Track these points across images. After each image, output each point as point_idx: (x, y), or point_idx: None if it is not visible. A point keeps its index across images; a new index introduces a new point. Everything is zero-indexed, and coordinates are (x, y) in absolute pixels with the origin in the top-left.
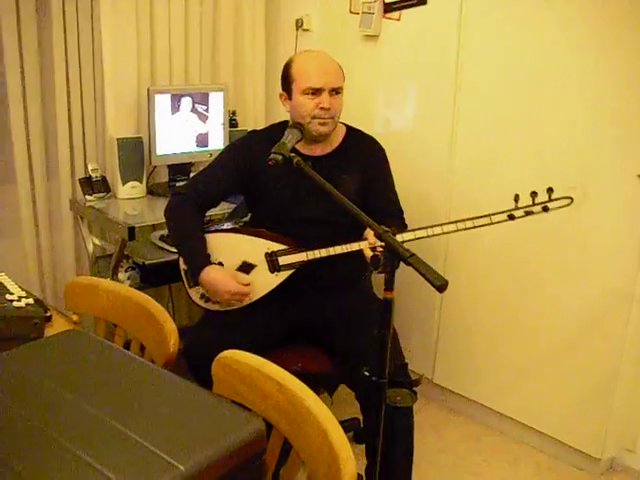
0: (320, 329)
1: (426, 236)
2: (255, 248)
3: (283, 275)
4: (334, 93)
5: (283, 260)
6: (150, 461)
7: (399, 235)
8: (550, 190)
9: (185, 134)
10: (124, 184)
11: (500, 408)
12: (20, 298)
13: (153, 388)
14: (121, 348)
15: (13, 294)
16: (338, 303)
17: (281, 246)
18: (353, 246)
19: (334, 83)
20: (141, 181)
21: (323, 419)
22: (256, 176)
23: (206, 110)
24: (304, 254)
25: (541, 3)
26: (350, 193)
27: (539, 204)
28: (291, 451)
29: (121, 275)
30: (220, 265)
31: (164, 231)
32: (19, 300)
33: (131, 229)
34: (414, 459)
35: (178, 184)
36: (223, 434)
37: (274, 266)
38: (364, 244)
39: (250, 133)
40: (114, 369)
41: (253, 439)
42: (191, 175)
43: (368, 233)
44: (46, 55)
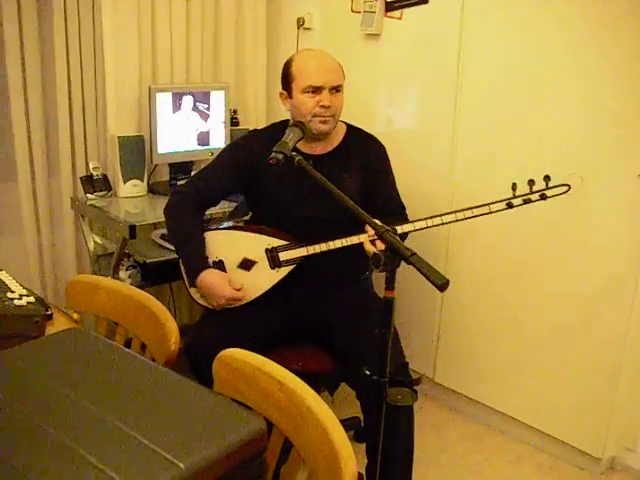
0: (321, 328)
1: (425, 227)
2: (255, 244)
3: (284, 271)
4: (334, 91)
5: (284, 256)
6: (151, 459)
7: (398, 227)
8: (547, 178)
9: (186, 133)
10: (125, 182)
11: (501, 407)
12: (21, 296)
13: (154, 387)
14: (122, 347)
15: (14, 292)
16: (339, 302)
17: (281, 242)
18: (353, 239)
19: (334, 81)
20: (142, 179)
21: (324, 418)
22: (257, 175)
23: (207, 109)
24: (304, 249)
25: (542, 3)
26: (351, 192)
27: (537, 192)
28: (292, 450)
29: (122, 273)
30: (221, 263)
31: (165, 229)
32: (20, 298)
33: (132, 227)
34: (415, 458)
35: (179, 183)
36: (224, 433)
37: (275, 262)
38: (364, 237)
39: (251, 132)
40: (115, 368)
41: (254, 438)
42: (192, 174)
43: (369, 229)
44: (47, 44)
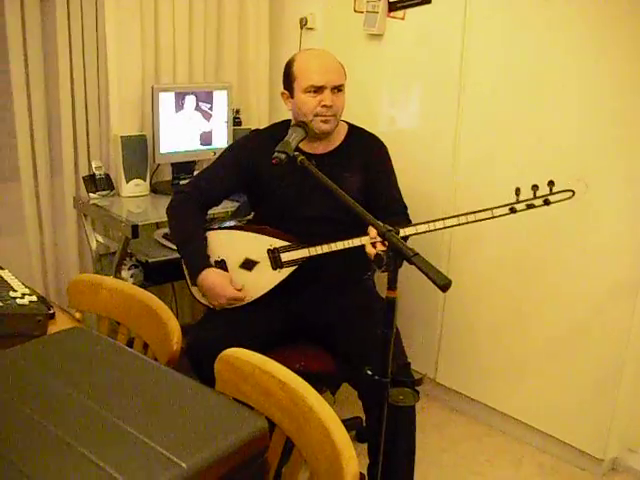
0: (323, 328)
1: (427, 230)
2: (257, 245)
3: (286, 272)
4: (336, 91)
5: (285, 257)
6: (153, 459)
7: (401, 230)
8: (551, 183)
9: (189, 132)
10: (128, 182)
11: (503, 408)
12: (23, 295)
13: (156, 386)
14: (124, 346)
15: (16, 291)
16: (341, 302)
17: (283, 242)
18: (355, 241)
19: (336, 81)
20: (145, 179)
21: (325, 418)
22: (259, 175)
23: (210, 108)
24: (306, 250)
25: (543, 4)
26: (353, 191)
27: (540, 197)
28: (293, 450)
29: (124, 273)
30: (222, 262)
31: (167, 229)
32: (22, 297)
33: (134, 227)
34: (416, 458)
35: (182, 182)
36: (225, 432)
37: (276, 263)
38: (365, 239)
39: (253, 132)
40: (117, 367)
41: (255, 437)
42: (194, 173)
43: (371, 230)
44: (49, 41)
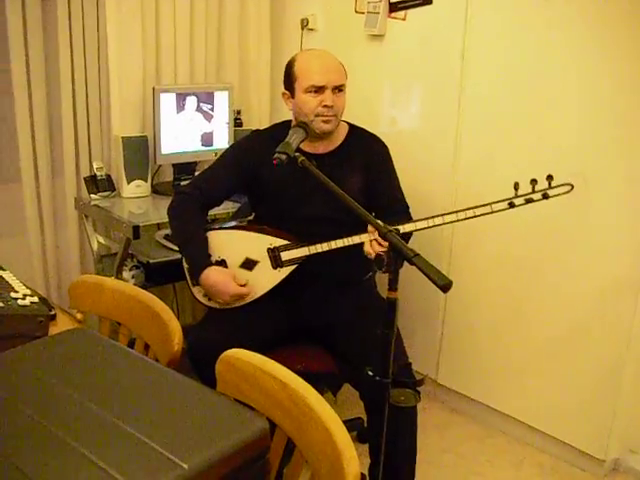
0: (324, 328)
1: (427, 227)
2: (258, 244)
3: (286, 271)
4: (337, 91)
5: (285, 255)
6: (154, 460)
7: (400, 226)
8: (550, 178)
9: (190, 133)
10: (129, 183)
11: (504, 408)
12: (25, 296)
13: (157, 387)
14: (125, 347)
15: (18, 292)
16: (341, 302)
17: (283, 241)
18: (354, 239)
19: (336, 81)
20: (146, 180)
21: (327, 418)
22: (260, 175)
23: (211, 109)
24: (306, 249)
25: (543, 4)
26: (353, 191)
27: (539, 191)
28: (294, 450)
29: (125, 274)
30: (223, 262)
31: (168, 230)
32: (24, 298)
33: (136, 228)
34: (417, 459)
35: (183, 183)
36: (227, 433)
37: (277, 262)
38: (365, 236)
39: (253, 133)
40: (118, 368)
41: (257, 438)
42: (196, 174)
43: (371, 230)
44: (51, 40)
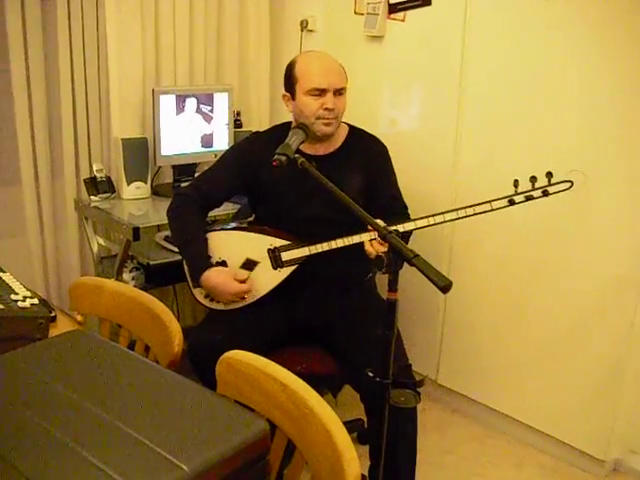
0: (324, 329)
1: (427, 225)
2: (258, 245)
3: (286, 271)
4: (338, 94)
5: (286, 256)
6: (154, 461)
7: (400, 226)
8: (549, 174)
9: (190, 135)
10: (129, 184)
11: (505, 409)
12: (25, 298)
13: (157, 389)
14: (125, 349)
15: (18, 294)
16: (342, 303)
17: (283, 242)
18: (354, 238)
19: (338, 84)
20: (146, 181)
21: (327, 420)
22: (259, 177)
23: (211, 111)
24: (306, 249)
25: (543, 4)
26: (353, 192)
27: (539, 188)
28: (295, 452)
29: (126, 275)
30: (223, 263)
31: (168, 231)
32: (24, 300)
33: (136, 229)
34: (418, 460)
35: (183, 184)
36: (227, 435)
37: (277, 262)
38: (365, 236)
39: (253, 134)
40: (118, 370)
41: (257, 440)
42: (196, 175)
43: (371, 231)
44: (50, 40)
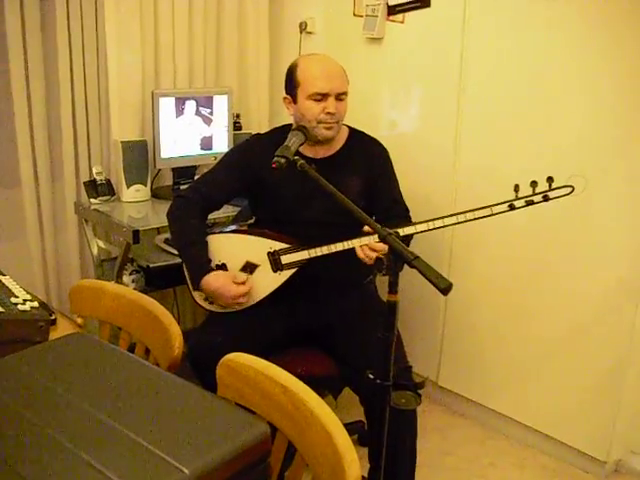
0: (324, 332)
1: (427, 229)
2: (258, 248)
3: (286, 274)
4: (339, 98)
5: (285, 259)
6: (155, 464)
7: (400, 229)
8: (550, 179)
9: (189, 137)
10: (128, 187)
11: (505, 411)
12: (25, 301)
13: (157, 391)
14: (126, 351)
15: (18, 297)
16: (342, 305)
17: (283, 245)
18: (354, 242)
19: (340, 88)
20: (145, 184)
21: (327, 422)
22: (259, 179)
23: (210, 113)
24: (306, 252)
25: (543, 5)
26: (353, 195)
27: (539, 193)
28: (295, 454)
29: (126, 278)
30: (223, 266)
31: (168, 234)
32: (24, 303)
33: (135, 232)
34: (418, 462)
35: (182, 187)
36: (227, 437)
37: (277, 265)
38: (365, 239)
39: (253, 136)
40: (119, 372)
41: (257, 442)
42: (195, 178)
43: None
44: (49, 41)
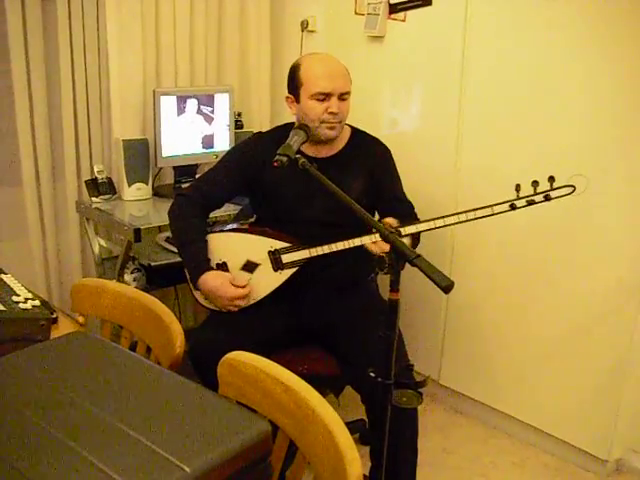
0: (326, 330)
1: (428, 229)
2: (259, 247)
3: (287, 273)
4: (342, 97)
5: (286, 258)
6: (156, 463)
7: (401, 229)
8: (552, 179)
9: (191, 135)
10: (130, 186)
11: (507, 409)
12: (26, 300)
13: (159, 390)
14: (127, 350)
15: (19, 296)
16: (343, 304)
17: (284, 244)
18: (355, 241)
19: (343, 88)
20: (147, 183)
21: (329, 420)
22: (261, 177)
23: (212, 112)
24: (307, 251)
25: (544, 4)
26: (355, 194)
27: (541, 193)
28: (297, 453)
29: (127, 277)
30: (224, 265)
31: (170, 232)
32: (25, 302)
33: (137, 231)
34: (420, 460)
35: (184, 185)
36: (229, 436)
37: (277, 264)
38: (366, 238)
39: (255, 135)
40: (120, 371)
41: (259, 441)
42: (197, 176)
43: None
44: (51, 41)
